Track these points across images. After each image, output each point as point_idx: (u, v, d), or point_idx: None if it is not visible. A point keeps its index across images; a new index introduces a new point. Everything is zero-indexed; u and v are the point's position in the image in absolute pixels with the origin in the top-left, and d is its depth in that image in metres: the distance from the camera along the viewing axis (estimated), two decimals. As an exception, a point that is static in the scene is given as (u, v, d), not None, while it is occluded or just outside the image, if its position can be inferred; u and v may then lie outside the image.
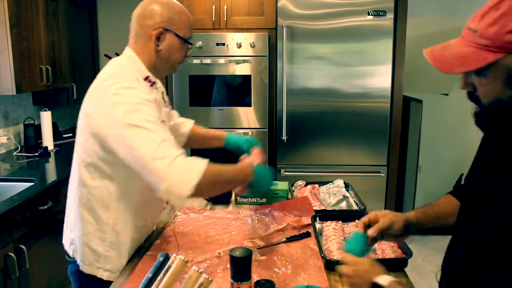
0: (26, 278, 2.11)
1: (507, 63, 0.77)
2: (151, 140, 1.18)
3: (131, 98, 1.23)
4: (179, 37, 1.35)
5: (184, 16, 1.37)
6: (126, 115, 1.19)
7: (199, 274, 0.99)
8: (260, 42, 3.11)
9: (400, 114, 3.19)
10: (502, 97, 0.80)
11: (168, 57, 1.37)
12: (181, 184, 1.17)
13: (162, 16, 1.32)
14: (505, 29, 0.75)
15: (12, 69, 2.56)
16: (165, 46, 1.35)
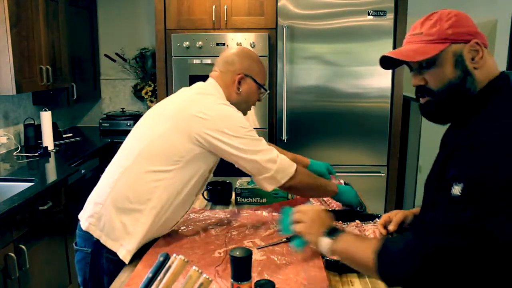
0: (26, 278, 2.11)
1: (453, 50, 0.99)
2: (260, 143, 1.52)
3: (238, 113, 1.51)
4: (257, 82, 1.56)
5: (261, 65, 1.60)
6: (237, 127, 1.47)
7: (199, 274, 0.99)
8: (260, 42, 3.11)
9: (400, 114, 3.19)
10: (452, 79, 0.99)
11: (246, 99, 1.58)
12: (282, 170, 1.48)
13: (246, 63, 1.55)
14: (444, 27, 0.99)
15: (12, 69, 2.56)
16: (244, 89, 1.56)
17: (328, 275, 1.29)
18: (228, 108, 1.47)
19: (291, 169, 1.49)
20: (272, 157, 1.48)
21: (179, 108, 1.45)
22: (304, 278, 1.27)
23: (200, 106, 1.43)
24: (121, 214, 1.41)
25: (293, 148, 3.16)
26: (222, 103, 1.47)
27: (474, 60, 0.99)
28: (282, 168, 1.48)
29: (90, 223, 1.44)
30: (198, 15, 3.20)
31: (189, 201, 1.54)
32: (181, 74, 3.20)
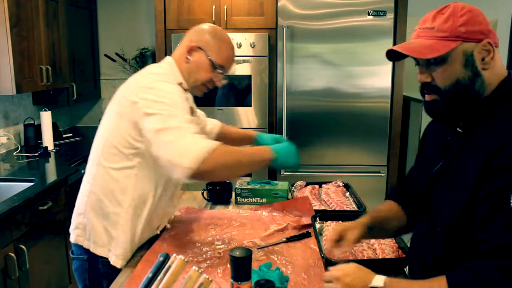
0: (26, 278, 2.11)
1: (463, 49, 0.96)
2: (177, 116, 1.28)
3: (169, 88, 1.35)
4: (209, 58, 1.45)
5: (225, 45, 1.48)
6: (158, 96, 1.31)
7: (199, 274, 0.99)
8: (260, 42, 3.11)
9: (400, 114, 3.19)
10: (461, 78, 0.96)
11: (195, 71, 1.47)
12: (185, 154, 1.22)
13: (201, 35, 1.48)
14: (457, 24, 0.95)
15: (12, 69, 2.56)
16: (194, 60, 1.46)
17: (328, 275, 1.29)
18: (159, 81, 1.36)
19: (201, 149, 1.23)
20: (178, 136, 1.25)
21: (123, 94, 1.39)
22: (304, 278, 1.27)
23: (137, 89, 1.35)
24: (101, 220, 1.40)
25: (293, 148, 3.17)
26: (161, 80, 1.36)
27: (484, 60, 0.96)
28: (188, 151, 1.23)
29: (78, 234, 1.45)
30: (198, 15, 3.20)
31: (169, 195, 1.51)
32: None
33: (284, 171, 3.18)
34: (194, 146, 1.23)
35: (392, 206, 1.35)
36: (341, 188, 2.02)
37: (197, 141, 1.25)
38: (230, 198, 1.95)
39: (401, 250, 1.40)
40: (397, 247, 1.41)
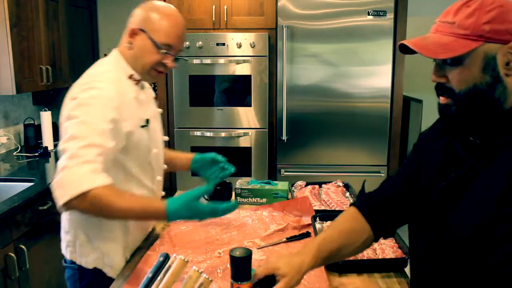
0: (26, 278, 2.11)
1: (485, 50, 0.83)
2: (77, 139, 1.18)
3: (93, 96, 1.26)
4: (151, 39, 1.32)
5: (167, 21, 1.33)
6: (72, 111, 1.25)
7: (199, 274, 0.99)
8: (260, 42, 3.11)
9: (400, 114, 3.19)
10: (479, 83, 0.85)
11: (140, 58, 1.35)
12: (64, 186, 1.14)
13: (141, 16, 1.34)
14: (481, 21, 0.83)
15: (12, 69, 2.56)
16: (136, 45, 1.34)
17: (328, 275, 1.29)
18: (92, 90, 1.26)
19: (76, 189, 1.13)
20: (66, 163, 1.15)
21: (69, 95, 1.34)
22: (304, 278, 1.27)
23: (71, 91, 1.31)
24: (88, 235, 1.37)
25: (293, 148, 3.18)
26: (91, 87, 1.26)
27: (509, 65, 0.84)
28: (66, 182, 1.14)
29: (71, 252, 1.42)
30: (198, 15, 3.20)
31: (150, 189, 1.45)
32: (181, 74, 3.20)
33: (284, 171, 3.18)
34: (72, 180, 1.14)
35: (352, 224, 1.16)
36: (341, 188, 2.02)
37: (78, 175, 1.14)
38: (230, 198, 1.95)
39: (401, 250, 1.40)
40: (397, 247, 1.42)
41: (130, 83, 1.37)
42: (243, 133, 3.23)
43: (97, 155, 1.18)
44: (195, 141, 3.26)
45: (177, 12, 1.37)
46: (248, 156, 3.26)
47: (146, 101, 1.44)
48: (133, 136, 1.33)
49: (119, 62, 1.37)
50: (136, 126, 1.34)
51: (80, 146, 1.17)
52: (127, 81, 1.36)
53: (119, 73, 1.35)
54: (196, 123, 3.26)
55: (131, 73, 1.37)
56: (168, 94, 3.30)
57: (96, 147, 1.18)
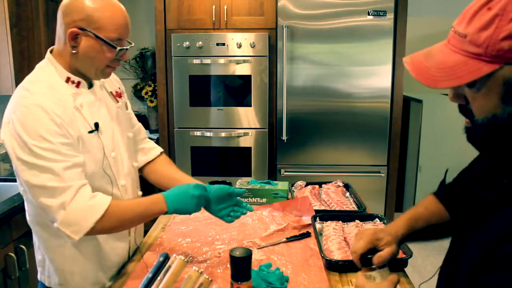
0: (26, 278, 2.11)
1: (504, 75, 0.63)
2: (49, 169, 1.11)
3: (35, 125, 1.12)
4: (99, 38, 1.17)
5: (108, 13, 1.17)
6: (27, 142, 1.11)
7: (199, 274, 0.99)
8: (260, 42, 3.11)
9: (400, 114, 3.19)
10: (499, 114, 0.67)
11: (91, 61, 1.21)
12: (81, 217, 1.13)
13: (80, 13, 1.15)
14: (500, 35, 0.61)
15: (12, 69, 2.56)
16: (82, 48, 1.18)
17: (328, 275, 1.29)
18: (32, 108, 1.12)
19: (88, 220, 1.13)
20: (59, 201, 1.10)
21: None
22: (304, 278, 1.27)
23: (9, 110, 1.16)
24: (50, 256, 1.29)
25: (293, 148, 3.18)
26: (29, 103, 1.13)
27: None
28: (74, 221, 1.12)
29: (40, 272, 1.37)
30: (198, 15, 3.20)
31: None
32: (181, 74, 3.20)
33: (284, 171, 3.18)
34: (79, 216, 1.12)
35: (433, 206, 1.12)
36: (341, 188, 2.02)
37: (82, 209, 1.12)
38: (230, 198, 1.95)
39: (401, 250, 1.40)
40: (397, 247, 1.41)
41: (69, 87, 1.23)
42: (243, 133, 3.23)
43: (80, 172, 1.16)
44: (195, 141, 3.26)
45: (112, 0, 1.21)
46: (248, 156, 3.26)
47: (95, 102, 1.29)
48: (81, 143, 1.21)
49: (53, 66, 1.23)
50: (82, 133, 1.22)
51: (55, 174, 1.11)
52: (65, 86, 1.22)
53: (52, 79, 1.22)
54: (196, 123, 3.26)
55: (68, 75, 1.23)
56: (168, 94, 3.30)
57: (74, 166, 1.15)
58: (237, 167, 3.29)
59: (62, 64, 1.23)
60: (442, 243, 3.67)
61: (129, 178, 1.38)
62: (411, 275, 1.34)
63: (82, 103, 1.24)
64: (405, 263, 1.34)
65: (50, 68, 1.23)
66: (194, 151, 3.26)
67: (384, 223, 1.59)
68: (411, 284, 1.26)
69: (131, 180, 1.40)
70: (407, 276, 1.30)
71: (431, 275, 1.12)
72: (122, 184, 1.34)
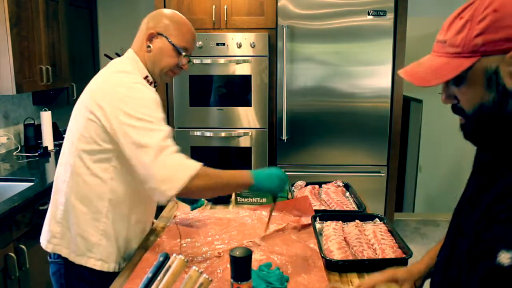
0: (26, 278, 2.11)
1: (483, 66, 0.73)
2: (155, 132, 1.25)
3: (143, 94, 1.31)
4: (171, 43, 1.40)
5: (184, 28, 1.43)
6: (134, 109, 1.26)
7: (199, 274, 0.99)
8: (260, 42, 3.11)
9: (400, 114, 3.19)
10: (485, 101, 0.76)
11: (159, 60, 1.42)
12: (177, 172, 1.23)
13: (162, 22, 1.41)
14: (473, 34, 0.73)
15: (12, 69, 2.56)
16: (155, 48, 1.41)
17: (328, 275, 1.29)
18: (132, 86, 1.31)
19: (183, 176, 1.22)
20: (160, 158, 1.22)
21: (90, 96, 1.36)
22: (304, 278, 1.27)
23: (106, 94, 1.32)
24: (81, 228, 1.36)
25: (293, 148, 3.18)
26: (132, 83, 1.32)
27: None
28: (169, 176, 1.22)
29: (55, 244, 1.40)
30: (198, 15, 3.20)
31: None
32: (181, 74, 3.19)
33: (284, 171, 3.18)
34: (175, 172, 1.23)
35: None
36: (341, 188, 2.02)
37: (177, 165, 1.24)
38: (230, 198, 1.95)
39: (401, 250, 1.40)
40: (397, 247, 1.42)
41: (146, 84, 1.40)
42: (243, 133, 3.23)
43: (173, 143, 1.28)
44: (195, 141, 3.26)
45: (187, 20, 1.47)
46: (248, 156, 3.26)
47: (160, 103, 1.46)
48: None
49: (136, 63, 1.43)
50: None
51: (160, 137, 1.24)
52: (144, 81, 1.40)
53: (137, 73, 1.40)
54: (196, 123, 3.26)
55: (146, 74, 1.43)
56: (168, 94, 3.30)
57: (170, 136, 1.28)
58: (237, 167, 3.29)
59: (141, 62, 1.43)
60: (442, 243, 3.67)
61: None
62: (411, 275, 1.33)
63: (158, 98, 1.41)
64: (405, 263, 1.34)
65: (133, 65, 1.42)
66: (194, 151, 3.26)
67: (384, 223, 1.59)
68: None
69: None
70: (407, 276, 1.30)
71: (431, 275, 1.11)
72: None
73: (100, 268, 1.37)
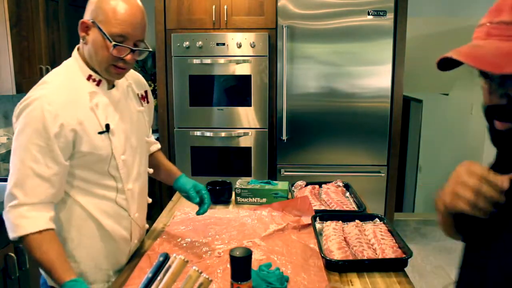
0: (26, 278, 2.11)
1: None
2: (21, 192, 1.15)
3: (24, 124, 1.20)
4: (101, 31, 1.17)
5: (118, 9, 1.17)
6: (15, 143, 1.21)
7: (199, 274, 0.99)
8: (260, 42, 3.11)
9: (400, 114, 3.19)
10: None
11: (95, 55, 1.21)
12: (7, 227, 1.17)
13: (92, 6, 1.20)
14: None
15: (12, 69, 2.56)
16: (89, 40, 1.21)
17: (328, 275, 1.29)
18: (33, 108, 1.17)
19: (18, 231, 1.14)
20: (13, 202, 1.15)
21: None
22: (304, 278, 1.27)
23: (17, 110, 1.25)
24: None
25: (293, 148, 3.18)
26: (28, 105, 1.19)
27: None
28: (7, 225, 1.16)
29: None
30: (198, 15, 3.20)
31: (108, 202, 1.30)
32: (181, 74, 3.20)
33: (284, 171, 3.18)
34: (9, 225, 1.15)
35: None
36: (341, 188, 2.02)
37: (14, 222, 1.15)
38: (230, 198, 1.95)
39: (401, 250, 1.40)
40: (397, 247, 1.42)
41: (89, 85, 1.25)
42: (243, 133, 3.23)
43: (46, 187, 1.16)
44: (195, 141, 3.26)
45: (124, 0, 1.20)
46: (248, 156, 3.26)
47: (112, 103, 1.29)
48: (85, 143, 1.21)
49: (76, 61, 1.26)
50: (90, 132, 1.22)
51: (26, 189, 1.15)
52: (85, 84, 1.24)
53: (72, 75, 1.25)
54: (196, 123, 3.26)
55: (90, 73, 1.25)
56: (168, 94, 3.30)
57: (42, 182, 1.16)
58: (237, 167, 3.29)
59: (84, 62, 1.25)
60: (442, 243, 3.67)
61: (137, 183, 1.38)
62: (411, 275, 1.34)
63: (97, 103, 1.24)
64: (405, 263, 1.34)
65: (74, 64, 1.26)
66: (194, 151, 3.26)
67: (384, 223, 1.59)
68: (411, 284, 1.26)
69: (139, 185, 1.39)
70: (407, 276, 1.30)
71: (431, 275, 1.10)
72: (129, 188, 1.33)
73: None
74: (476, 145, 3.89)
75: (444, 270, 3.18)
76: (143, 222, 1.47)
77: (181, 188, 1.55)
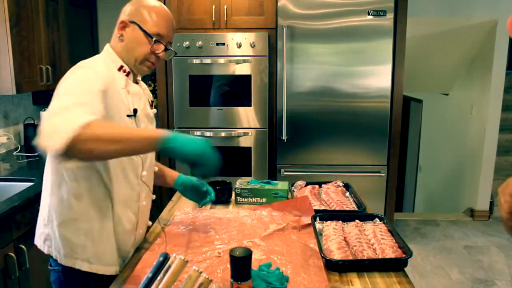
0: (26, 278, 2.11)
1: None
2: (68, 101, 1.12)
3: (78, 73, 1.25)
4: (142, 29, 1.34)
5: (155, 12, 1.35)
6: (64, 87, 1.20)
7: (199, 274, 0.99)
8: (260, 42, 3.11)
9: (400, 114, 3.19)
10: None
11: (132, 49, 1.36)
12: (52, 134, 1.05)
13: (130, 9, 1.37)
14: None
15: (12, 69, 2.56)
16: (127, 37, 1.37)
17: (328, 275, 1.29)
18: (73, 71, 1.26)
19: (70, 127, 1.03)
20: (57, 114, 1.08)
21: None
22: (304, 278, 1.27)
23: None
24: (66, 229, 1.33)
25: (293, 148, 3.18)
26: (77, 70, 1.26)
27: None
28: (53, 131, 1.06)
29: (49, 246, 1.40)
30: (198, 15, 3.20)
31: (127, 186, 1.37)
32: (181, 74, 3.20)
33: (284, 171, 3.18)
34: (63, 124, 1.05)
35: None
36: (341, 188, 2.02)
37: (69, 118, 1.06)
38: (230, 198, 1.95)
39: (401, 250, 1.40)
40: (397, 246, 1.42)
41: (120, 74, 1.37)
42: (243, 133, 3.23)
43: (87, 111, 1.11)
44: (195, 141, 3.25)
45: (164, 6, 1.41)
46: (248, 156, 3.26)
47: (137, 95, 1.41)
48: (115, 122, 1.27)
49: (109, 55, 1.40)
50: (121, 113, 1.30)
51: (72, 101, 1.11)
52: (118, 72, 1.37)
53: (109, 63, 1.37)
54: (196, 123, 3.26)
55: (121, 64, 1.38)
56: (168, 94, 3.30)
57: (83, 105, 1.11)
58: (237, 167, 3.29)
59: (116, 54, 1.39)
60: (442, 243, 3.68)
61: (149, 171, 1.48)
62: (411, 275, 1.34)
63: (129, 89, 1.37)
64: (405, 263, 1.34)
65: (107, 56, 1.39)
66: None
67: (384, 223, 1.59)
68: (411, 284, 1.26)
69: (149, 175, 1.48)
70: (407, 276, 1.30)
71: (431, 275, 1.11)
72: (143, 175, 1.42)
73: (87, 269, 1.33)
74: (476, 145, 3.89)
75: (444, 270, 3.18)
76: (147, 214, 1.53)
77: (185, 182, 1.66)
